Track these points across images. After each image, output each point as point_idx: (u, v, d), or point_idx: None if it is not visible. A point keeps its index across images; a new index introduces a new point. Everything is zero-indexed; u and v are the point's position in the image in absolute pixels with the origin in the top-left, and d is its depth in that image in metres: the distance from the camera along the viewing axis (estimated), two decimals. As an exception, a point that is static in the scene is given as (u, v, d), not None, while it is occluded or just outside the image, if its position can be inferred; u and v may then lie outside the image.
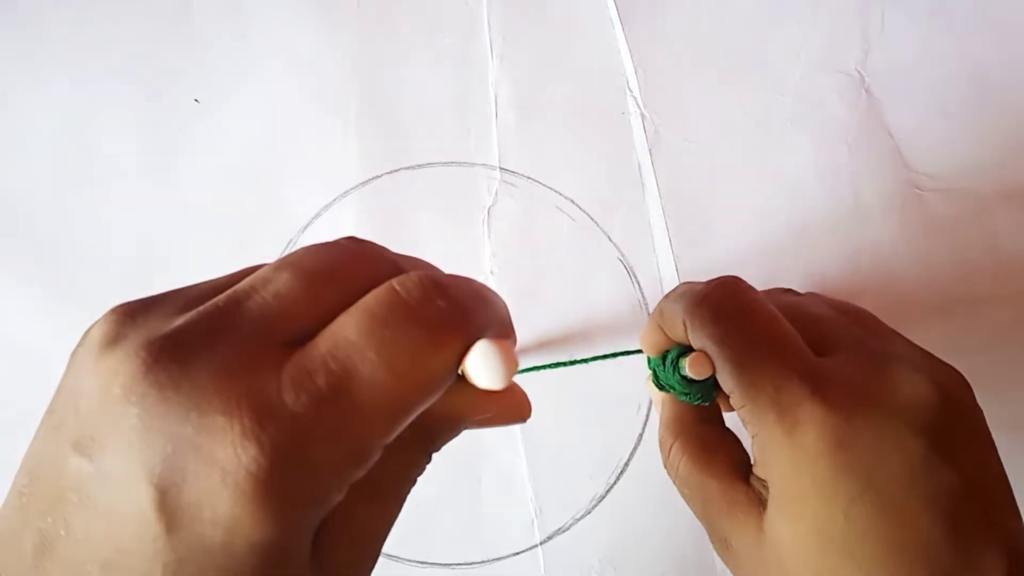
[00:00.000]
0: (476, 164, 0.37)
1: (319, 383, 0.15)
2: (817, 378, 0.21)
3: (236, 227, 0.38)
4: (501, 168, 0.37)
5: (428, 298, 0.16)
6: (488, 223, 0.37)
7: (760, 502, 0.22)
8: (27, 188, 0.39)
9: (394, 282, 0.16)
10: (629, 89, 0.37)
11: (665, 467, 0.26)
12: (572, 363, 0.32)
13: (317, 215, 0.38)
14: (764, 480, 0.23)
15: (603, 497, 0.35)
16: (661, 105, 0.37)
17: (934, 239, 0.35)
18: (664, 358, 0.26)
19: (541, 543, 0.35)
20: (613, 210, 0.37)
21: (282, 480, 0.14)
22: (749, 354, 0.22)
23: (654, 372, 0.27)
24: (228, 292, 0.16)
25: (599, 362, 0.33)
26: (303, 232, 0.38)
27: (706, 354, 0.23)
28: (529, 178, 0.37)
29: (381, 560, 0.19)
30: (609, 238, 0.36)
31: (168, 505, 0.14)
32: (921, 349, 0.24)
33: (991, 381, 0.35)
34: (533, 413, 0.36)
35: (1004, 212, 0.35)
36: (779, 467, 0.21)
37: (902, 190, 0.36)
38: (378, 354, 0.15)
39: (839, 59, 0.37)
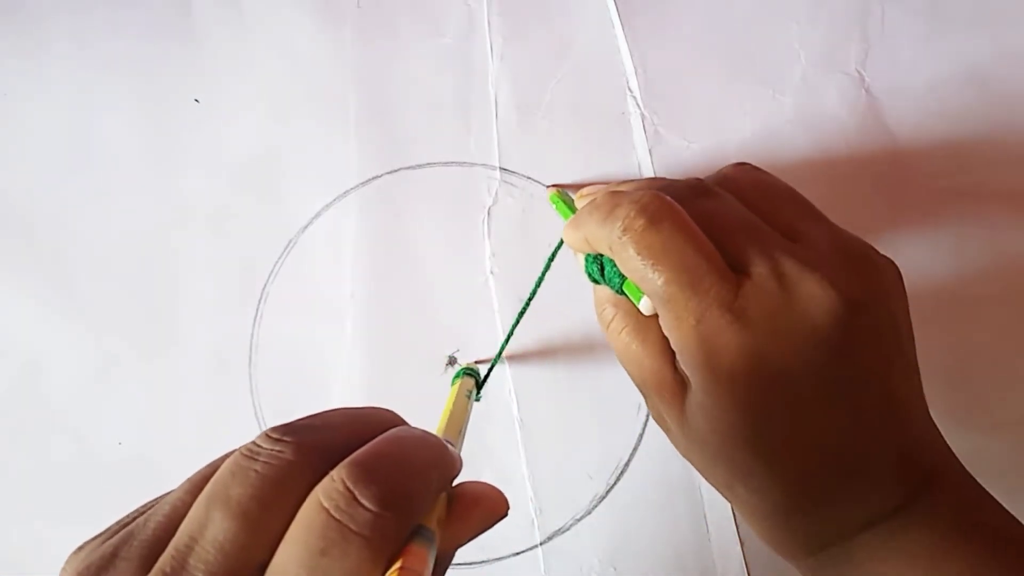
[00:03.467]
0: (476, 164, 0.37)
1: None
2: (735, 308, 0.23)
3: (236, 227, 0.38)
4: (501, 168, 0.37)
5: (354, 507, 0.16)
6: (488, 223, 0.37)
7: (685, 385, 0.25)
8: (27, 188, 0.39)
9: (320, 495, 0.16)
10: (629, 89, 0.37)
11: (607, 336, 0.28)
12: (528, 302, 0.33)
13: (317, 215, 0.38)
14: (682, 367, 0.25)
15: (603, 497, 0.35)
16: (661, 105, 0.37)
17: (933, 239, 0.35)
18: (600, 263, 0.27)
19: (541, 543, 0.35)
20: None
21: None
22: (673, 291, 0.23)
23: (588, 273, 0.28)
24: (171, 551, 0.16)
25: (598, 363, 0.33)
26: (303, 232, 0.38)
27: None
28: (529, 178, 0.37)
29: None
30: (609, 238, 0.36)
31: None
32: (837, 243, 0.25)
33: (991, 381, 0.35)
34: (533, 413, 0.36)
35: (1004, 212, 0.35)
36: (699, 379, 0.24)
37: (901, 190, 0.36)
38: None
39: (839, 59, 0.37)
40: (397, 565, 0.16)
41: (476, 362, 0.36)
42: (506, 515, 0.20)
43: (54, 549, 0.18)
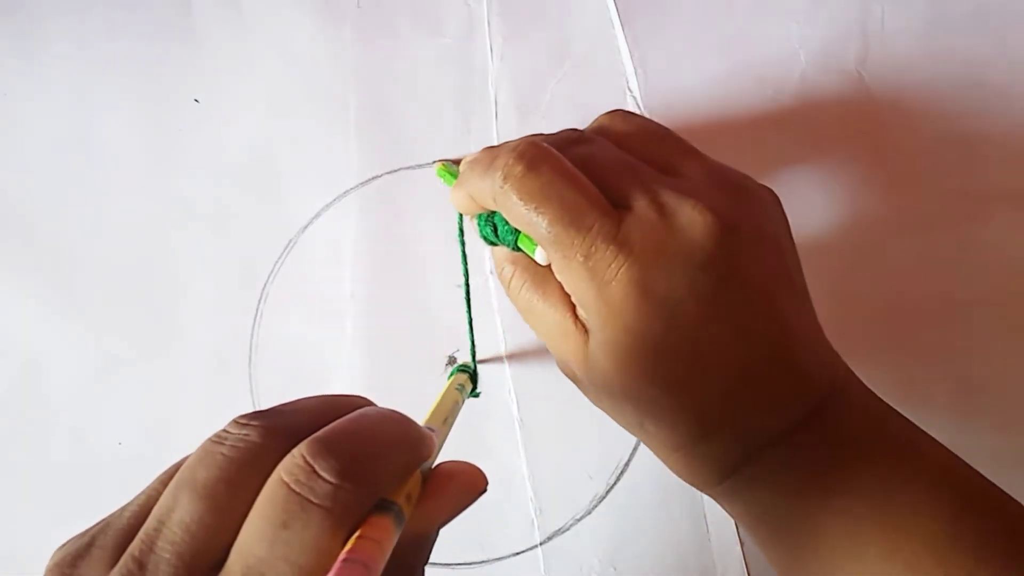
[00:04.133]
0: (476, 164, 0.37)
1: None
2: (618, 239, 0.24)
3: (236, 227, 0.38)
4: (501, 168, 0.37)
5: (314, 480, 0.16)
6: (488, 223, 0.37)
7: (586, 331, 0.25)
8: (27, 188, 0.39)
9: (281, 471, 0.17)
10: (629, 89, 0.37)
11: (508, 296, 0.29)
12: (467, 284, 0.33)
13: (317, 215, 0.38)
14: (584, 316, 0.25)
15: (603, 497, 0.35)
16: (661, 105, 0.37)
17: (934, 239, 0.35)
18: (492, 223, 0.27)
19: (541, 543, 0.35)
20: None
21: None
22: (557, 231, 0.24)
23: (483, 235, 0.28)
24: (141, 536, 0.17)
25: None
26: (303, 232, 0.38)
27: None
28: (529, 178, 0.37)
29: (381, 561, 0.19)
30: (609, 238, 0.36)
31: None
32: (713, 174, 0.26)
33: (991, 381, 0.35)
34: (533, 413, 0.36)
35: (1004, 212, 0.35)
36: (595, 318, 0.24)
37: (902, 190, 0.36)
38: (288, 562, 0.16)
39: (839, 59, 0.37)
40: (356, 534, 0.16)
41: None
42: (484, 490, 0.20)
43: (54, 549, 0.18)
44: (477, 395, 0.35)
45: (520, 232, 0.27)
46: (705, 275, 0.24)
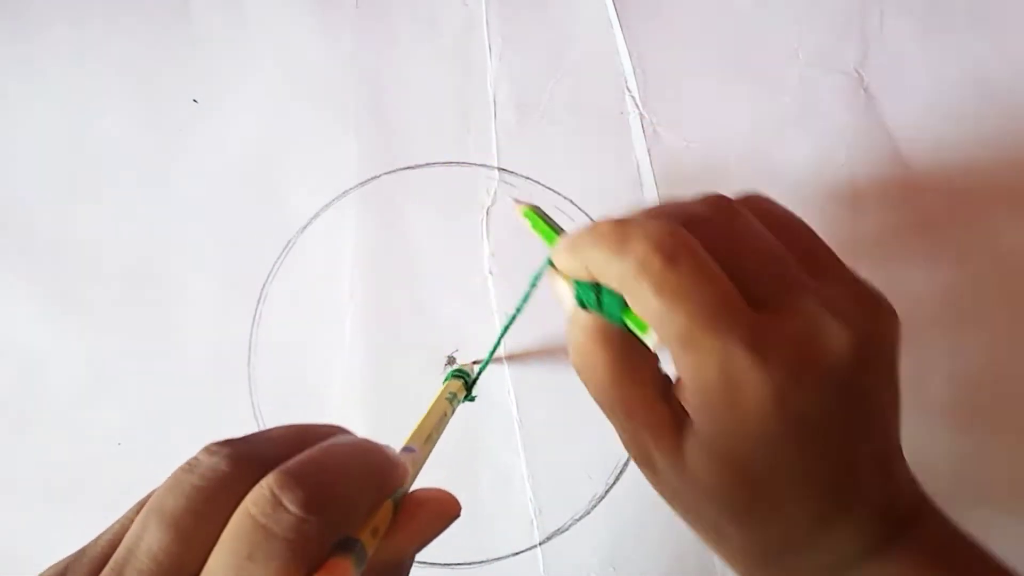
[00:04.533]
0: (475, 164, 0.37)
1: None
2: (759, 345, 0.22)
3: (235, 227, 0.38)
4: (500, 168, 0.37)
5: (279, 511, 0.16)
6: (487, 223, 0.37)
7: (681, 423, 0.24)
8: (26, 188, 0.39)
9: (248, 502, 0.17)
10: (628, 89, 0.37)
11: (577, 370, 0.26)
12: (513, 317, 0.30)
13: (317, 215, 0.38)
14: (686, 405, 0.23)
15: (602, 497, 0.35)
16: (660, 105, 0.37)
17: (934, 239, 0.35)
18: (598, 291, 0.25)
19: (540, 543, 0.35)
20: (612, 210, 0.36)
21: None
22: (692, 332, 0.22)
23: (581, 301, 0.25)
24: (111, 564, 0.17)
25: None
26: (302, 232, 0.38)
27: None
28: (528, 178, 0.37)
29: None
30: (608, 238, 0.36)
31: None
32: (854, 286, 0.25)
33: (991, 382, 0.35)
34: (533, 413, 0.36)
35: (1004, 212, 0.35)
36: (709, 415, 0.23)
37: (902, 190, 0.36)
38: None
39: (839, 59, 0.36)
40: None
41: (473, 362, 0.36)
42: (457, 516, 0.20)
43: (53, 549, 0.18)
44: (472, 399, 0.35)
45: (627, 307, 0.24)
46: (839, 394, 0.23)
